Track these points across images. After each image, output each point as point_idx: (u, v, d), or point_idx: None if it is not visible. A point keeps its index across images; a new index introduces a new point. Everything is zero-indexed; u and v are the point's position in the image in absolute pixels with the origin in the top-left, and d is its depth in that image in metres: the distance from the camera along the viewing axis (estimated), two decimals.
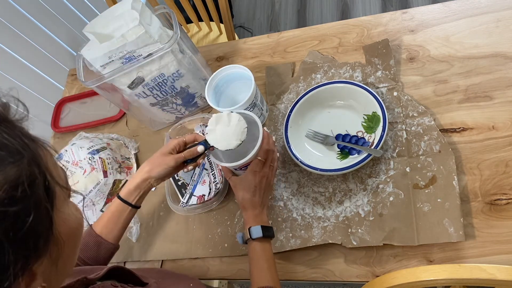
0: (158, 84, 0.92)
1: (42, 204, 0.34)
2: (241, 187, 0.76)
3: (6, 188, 0.31)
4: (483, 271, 0.55)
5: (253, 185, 0.75)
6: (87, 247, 0.74)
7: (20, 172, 0.32)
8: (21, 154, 0.33)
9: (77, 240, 0.42)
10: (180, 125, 1.05)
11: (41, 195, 0.34)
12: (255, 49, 1.11)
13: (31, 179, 0.33)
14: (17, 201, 0.31)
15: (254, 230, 0.72)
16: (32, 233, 0.32)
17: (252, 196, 0.75)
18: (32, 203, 0.33)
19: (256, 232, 0.72)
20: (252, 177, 0.75)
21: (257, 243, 0.72)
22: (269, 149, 0.76)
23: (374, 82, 0.92)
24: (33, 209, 0.32)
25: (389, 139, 0.84)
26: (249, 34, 2.31)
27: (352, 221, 0.80)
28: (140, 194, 0.78)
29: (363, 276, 0.77)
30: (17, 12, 1.37)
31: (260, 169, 0.76)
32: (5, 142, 0.33)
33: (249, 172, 0.75)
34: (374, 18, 1.01)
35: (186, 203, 0.94)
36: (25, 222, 0.32)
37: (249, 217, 0.75)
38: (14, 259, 0.31)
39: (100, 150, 1.00)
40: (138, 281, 0.61)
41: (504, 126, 0.79)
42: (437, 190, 0.76)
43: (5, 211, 0.30)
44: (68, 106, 1.25)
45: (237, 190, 0.77)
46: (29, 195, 0.32)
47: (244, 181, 0.76)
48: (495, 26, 0.89)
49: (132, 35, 0.82)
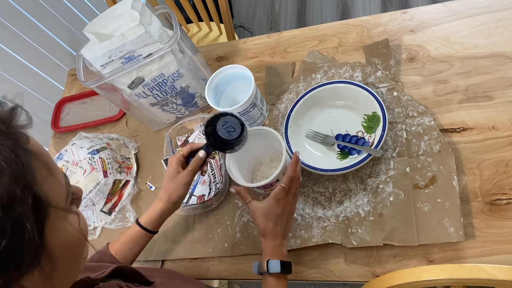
0: (158, 84, 0.92)
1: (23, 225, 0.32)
2: (263, 214, 0.72)
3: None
4: (483, 271, 0.55)
5: (276, 214, 0.71)
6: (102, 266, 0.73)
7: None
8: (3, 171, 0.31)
9: (76, 255, 0.40)
10: (180, 125, 1.05)
11: (23, 215, 0.32)
12: (255, 49, 1.11)
13: (10, 199, 0.31)
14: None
15: (273, 264, 0.69)
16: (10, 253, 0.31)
17: (274, 226, 0.71)
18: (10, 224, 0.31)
19: (274, 267, 0.68)
20: (275, 205, 0.71)
21: (273, 278, 0.69)
22: (295, 177, 0.72)
23: (374, 82, 0.92)
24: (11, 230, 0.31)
25: (389, 139, 0.84)
26: (249, 34, 2.31)
27: (352, 221, 0.80)
28: (162, 221, 0.78)
29: (363, 276, 0.77)
30: (17, 12, 1.37)
31: (283, 197, 0.72)
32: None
33: (272, 200, 0.72)
34: (374, 18, 1.01)
35: (186, 203, 0.94)
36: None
37: (268, 247, 0.71)
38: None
39: (100, 150, 1.00)
40: (144, 280, 0.61)
41: (504, 126, 0.79)
42: (437, 190, 0.76)
43: None
44: (68, 106, 1.25)
45: (257, 217, 0.73)
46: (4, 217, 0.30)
47: (266, 209, 0.72)
48: (495, 26, 0.89)
49: (132, 35, 0.82)
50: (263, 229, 0.72)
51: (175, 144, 1.05)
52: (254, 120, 0.93)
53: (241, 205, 0.91)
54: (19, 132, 0.35)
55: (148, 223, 0.77)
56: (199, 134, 1.01)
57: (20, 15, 1.38)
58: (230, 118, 0.74)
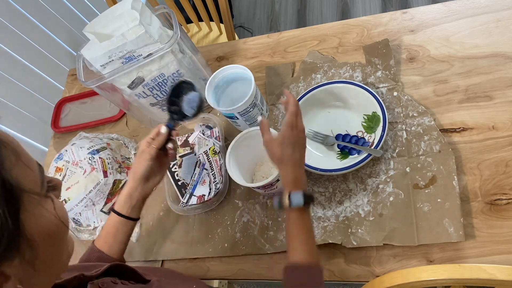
0: (158, 84, 0.92)
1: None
2: (279, 143, 0.68)
3: None
4: (483, 271, 0.55)
5: (292, 140, 0.68)
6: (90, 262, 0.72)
7: None
8: None
9: (57, 242, 0.40)
10: (180, 125, 1.05)
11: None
12: (255, 49, 1.11)
13: None
14: None
15: (295, 197, 0.64)
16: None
17: (292, 152, 0.67)
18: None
19: (297, 200, 0.64)
20: (290, 132, 0.68)
21: (295, 212, 0.64)
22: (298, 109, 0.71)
23: (374, 82, 0.92)
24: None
25: (389, 139, 0.84)
26: (249, 34, 2.31)
27: (352, 221, 0.80)
28: (132, 205, 0.75)
29: (363, 276, 0.77)
30: (17, 12, 1.37)
31: (295, 124, 0.69)
32: None
33: (286, 127, 0.68)
34: (374, 18, 1.01)
35: (186, 203, 0.94)
36: None
37: (289, 178, 0.67)
38: None
39: (100, 150, 1.00)
40: (140, 279, 0.61)
41: (504, 126, 0.79)
42: (437, 190, 0.76)
43: None
44: (68, 106, 1.25)
45: (273, 146, 0.69)
46: None
47: (281, 137, 0.68)
48: (495, 26, 0.89)
49: (132, 35, 0.82)
50: (281, 157, 0.68)
51: None
52: (254, 120, 0.93)
53: (241, 205, 0.91)
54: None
55: (120, 207, 0.75)
56: (199, 134, 1.01)
57: (20, 15, 1.38)
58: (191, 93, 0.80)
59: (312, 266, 0.62)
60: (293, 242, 0.64)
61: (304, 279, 0.61)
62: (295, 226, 0.65)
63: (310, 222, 0.66)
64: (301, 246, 0.63)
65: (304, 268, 0.62)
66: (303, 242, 0.64)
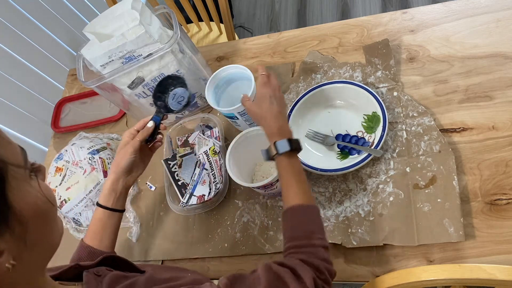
0: None
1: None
2: (256, 103, 0.74)
3: None
4: (483, 271, 0.55)
5: (267, 95, 0.72)
6: (81, 260, 0.72)
7: None
8: None
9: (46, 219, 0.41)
10: (180, 125, 1.05)
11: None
12: (255, 49, 1.11)
13: None
14: None
15: (281, 144, 0.67)
16: None
17: (270, 104, 0.72)
18: None
19: (283, 146, 0.66)
20: (263, 89, 0.73)
21: (283, 158, 0.67)
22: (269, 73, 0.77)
23: (374, 82, 0.92)
24: None
25: (389, 139, 0.84)
26: (249, 34, 2.31)
27: (352, 221, 0.80)
28: (117, 197, 0.76)
29: (363, 276, 0.77)
30: (17, 12, 1.37)
31: (267, 81, 0.74)
32: None
33: (261, 86, 0.74)
34: (374, 18, 1.01)
35: (186, 203, 0.94)
36: None
37: (272, 129, 0.70)
38: None
39: (100, 150, 1.00)
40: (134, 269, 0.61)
41: (504, 126, 0.79)
42: (437, 190, 0.76)
43: None
44: (68, 106, 1.25)
45: (252, 107, 0.74)
46: None
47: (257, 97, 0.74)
48: (495, 26, 0.89)
49: (132, 35, 0.82)
50: (260, 113, 0.72)
51: (175, 144, 1.05)
52: None
53: (241, 205, 0.91)
54: None
55: (105, 200, 0.75)
56: (199, 134, 1.01)
57: (20, 15, 1.38)
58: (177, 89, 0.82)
59: (309, 205, 0.64)
60: (286, 187, 0.66)
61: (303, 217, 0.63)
62: (285, 172, 0.66)
63: (300, 165, 0.68)
64: (295, 189, 0.65)
65: (301, 208, 0.63)
66: (296, 186, 0.65)
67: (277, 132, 0.69)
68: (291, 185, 0.65)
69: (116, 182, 0.76)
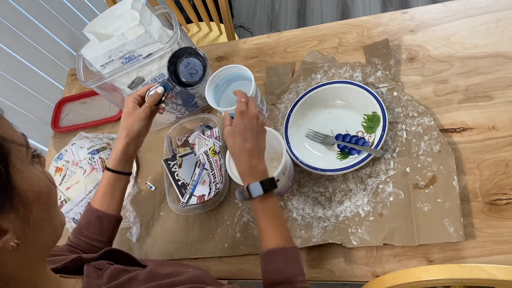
0: None
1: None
2: (231, 134, 0.69)
3: None
4: (483, 271, 0.55)
5: (242, 128, 0.67)
6: (89, 224, 0.75)
7: None
8: None
9: (49, 201, 0.42)
10: (180, 125, 1.05)
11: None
12: (255, 49, 1.11)
13: None
14: None
15: (254, 188, 0.64)
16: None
17: (243, 141, 0.67)
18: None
19: (256, 191, 0.64)
20: (239, 120, 0.68)
21: (257, 202, 0.65)
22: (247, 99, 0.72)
23: (374, 82, 0.92)
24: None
25: (389, 139, 0.84)
26: (249, 34, 2.31)
27: (352, 221, 0.80)
28: (127, 160, 0.79)
29: (363, 276, 0.77)
30: (17, 12, 1.37)
31: (245, 110, 0.69)
32: None
33: (237, 116, 0.69)
34: (374, 18, 1.01)
35: (186, 203, 0.94)
36: None
37: (244, 169, 0.66)
38: None
39: (100, 150, 1.00)
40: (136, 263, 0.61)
41: (504, 126, 0.79)
42: (437, 190, 0.76)
43: None
44: (68, 106, 1.25)
45: (227, 139, 0.69)
46: None
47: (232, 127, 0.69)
48: (495, 26, 0.89)
49: (132, 35, 0.82)
50: (233, 148, 0.68)
51: (175, 144, 1.05)
52: None
53: (241, 205, 0.91)
54: None
55: (115, 164, 0.78)
56: (199, 134, 1.01)
57: (20, 15, 1.38)
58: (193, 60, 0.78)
59: (286, 246, 0.63)
60: (263, 230, 0.65)
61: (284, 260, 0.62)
62: (262, 215, 0.65)
63: (276, 206, 0.66)
64: (273, 232, 0.64)
65: (281, 251, 0.62)
66: (274, 228, 0.64)
67: (248, 172, 0.66)
68: (269, 228, 0.64)
69: (128, 146, 0.78)
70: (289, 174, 0.82)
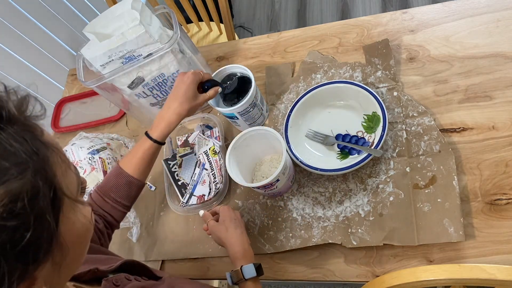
0: (158, 84, 0.92)
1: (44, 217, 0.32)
2: (219, 224, 0.75)
3: (6, 202, 0.30)
4: (483, 271, 0.55)
5: (230, 217, 0.75)
6: (118, 187, 0.77)
7: (22, 186, 0.31)
8: (27, 164, 0.31)
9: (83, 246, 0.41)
10: (180, 125, 1.05)
11: (44, 207, 0.32)
12: (255, 49, 1.11)
13: (33, 192, 0.31)
14: (16, 215, 0.30)
15: (247, 269, 0.68)
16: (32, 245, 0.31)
17: (235, 228, 0.74)
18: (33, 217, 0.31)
19: (249, 272, 0.68)
20: (228, 212, 0.76)
21: (249, 283, 0.68)
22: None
23: (374, 82, 0.92)
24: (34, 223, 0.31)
25: (389, 139, 0.84)
26: (249, 34, 2.31)
27: (352, 221, 0.80)
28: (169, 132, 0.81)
29: (363, 276, 0.77)
30: (17, 12, 1.37)
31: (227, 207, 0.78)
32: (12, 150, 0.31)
33: (223, 209, 0.77)
34: (374, 18, 1.01)
35: (186, 203, 0.94)
36: (23, 236, 0.31)
37: (238, 252, 0.71)
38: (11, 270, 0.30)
39: (100, 150, 1.00)
40: (151, 275, 0.61)
41: (504, 126, 0.79)
42: (437, 190, 0.76)
43: (3, 225, 0.29)
44: (68, 106, 1.25)
45: (216, 230, 0.75)
46: (29, 210, 0.31)
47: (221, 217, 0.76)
48: (495, 26, 0.89)
49: (132, 34, 0.82)
50: (226, 235, 0.73)
51: (175, 144, 1.05)
52: (254, 120, 0.93)
53: (241, 205, 0.91)
54: (35, 124, 0.35)
55: (160, 136, 0.79)
56: (199, 134, 1.01)
57: (20, 15, 1.38)
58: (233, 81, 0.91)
59: None
60: None
61: None
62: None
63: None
64: None
65: None
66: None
67: (242, 255, 0.71)
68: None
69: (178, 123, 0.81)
70: (289, 174, 0.82)
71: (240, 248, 0.71)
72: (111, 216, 0.78)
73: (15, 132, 0.32)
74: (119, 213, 0.79)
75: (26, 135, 0.33)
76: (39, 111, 0.36)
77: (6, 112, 0.32)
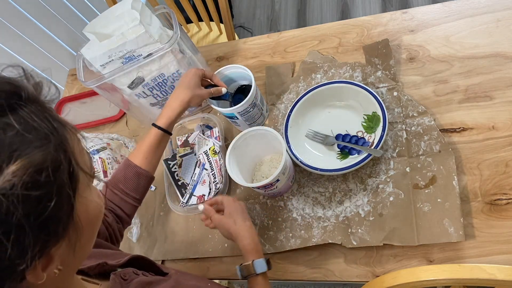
0: (158, 84, 0.92)
1: (64, 190, 0.34)
2: (228, 216, 0.74)
3: (31, 172, 0.31)
4: (483, 271, 0.55)
5: (239, 210, 0.74)
6: (127, 179, 0.77)
7: (45, 157, 0.32)
8: (48, 138, 0.33)
9: (96, 226, 0.42)
10: (180, 125, 1.05)
11: (65, 181, 0.34)
12: (255, 49, 1.11)
13: (56, 164, 0.33)
14: (40, 185, 0.31)
15: (259, 264, 0.68)
16: (53, 218, 0.33)
17: (244, 220, 0.73)
18: (55, 188, 0.33)
19: (261, 267, 0.68)
20: (235, 203, 0.76)
21: (260, 277, 0.68)
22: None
23: (374, 82, 0.92)
24: (56, 194, 0.32)
25: (389, 139, 0.84)
26: (249, 34, 2.31)
27: (352, 221, 0.80)
28: (175, 122, 0.82)
29: (363, 276, 0.77)
30: (17, 12, 1.37)
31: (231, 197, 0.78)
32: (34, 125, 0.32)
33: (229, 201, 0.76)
34: (374, 18, 1.01)
35: (186, 203, 0.94)
36: (46, 207, 0.32)
37: (249, 244, 0.71)
38: (33, 242, 0.31)
39: (100, 150, 1.00)
40: (158, 270, 0.61)
41: (504, 126, 0.79)
42: (437, 190, 0.76)
43: (27, 195, 0.30)
44: (68, 106, 1.25)
45: (224, 223, 0.74)
46: (52, 181, 0.32)
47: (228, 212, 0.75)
48: (495, 26, 0.89)
49: (132, 34, 0.82)
50: (235, 228, 0.72)
51: (175, 144, 1.05)
52: (254, 120, 0.93)
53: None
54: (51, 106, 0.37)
55: (167, 124, 0.80)
56: (199, 134, 1.01)
57: (20, 15, 1.38)
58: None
59: None
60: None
61: None
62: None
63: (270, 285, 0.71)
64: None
65: None
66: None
67: (253, 248, 0.70)
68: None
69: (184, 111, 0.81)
70: (289, 174, 0.82)
71: (250, 241, 0.71)
72: (121, 209, 0.77)
73: (35, 110, 0.34)
74: (129, 206, 0.78)
75: (45, 113, 0.34)
76: (53, 94, 0.37)
77: (25, 93, 0.34)
